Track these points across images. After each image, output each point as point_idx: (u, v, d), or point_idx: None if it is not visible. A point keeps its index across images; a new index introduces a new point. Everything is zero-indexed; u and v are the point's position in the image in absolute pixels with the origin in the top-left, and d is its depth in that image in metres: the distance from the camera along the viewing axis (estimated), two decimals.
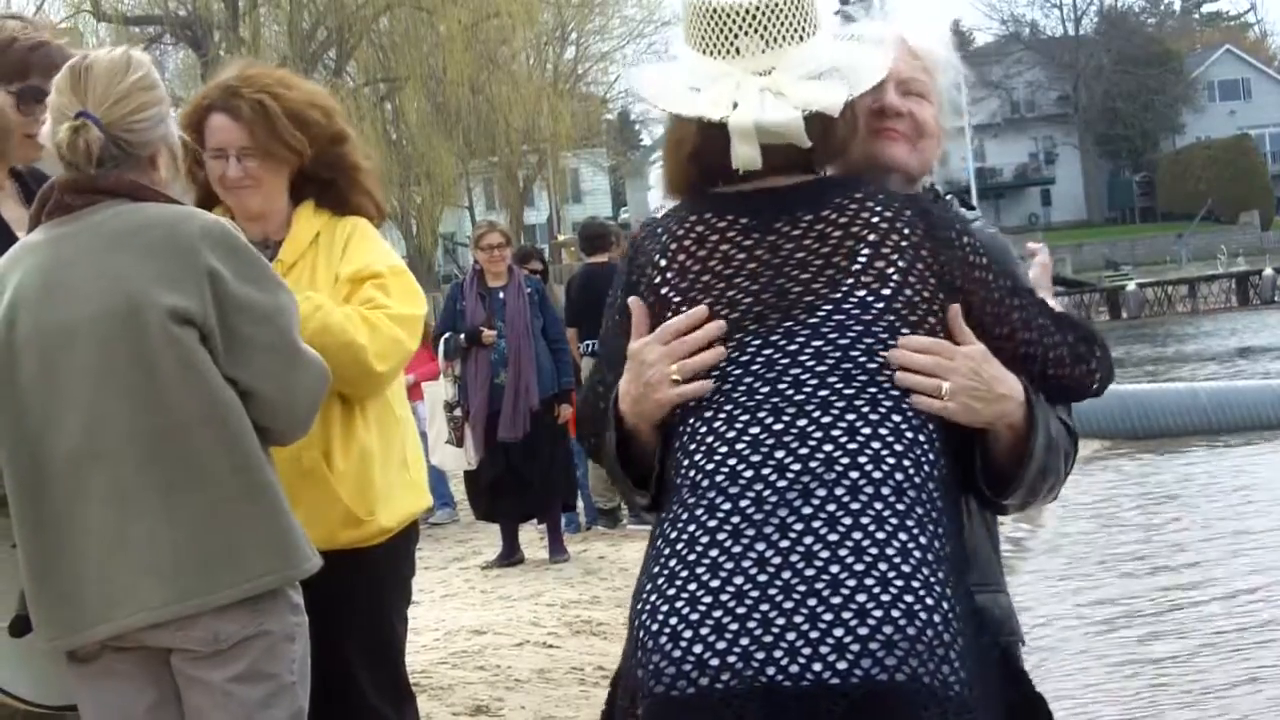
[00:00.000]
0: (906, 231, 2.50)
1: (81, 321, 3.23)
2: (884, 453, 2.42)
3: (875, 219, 2.50)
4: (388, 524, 3.91)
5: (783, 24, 2.52)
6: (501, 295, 10.78)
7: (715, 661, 2.33)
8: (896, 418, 2.45)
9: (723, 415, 2.47)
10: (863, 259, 2.48)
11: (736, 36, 2.53)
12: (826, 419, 2.43)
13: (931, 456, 2.46)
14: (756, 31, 2.52)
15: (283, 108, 3.88)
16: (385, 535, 3.91)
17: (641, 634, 2.41)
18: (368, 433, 3.88)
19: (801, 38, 2.53)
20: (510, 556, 10.79)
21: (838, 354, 2.46)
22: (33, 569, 3.28)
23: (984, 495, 2.62)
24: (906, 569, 2.34)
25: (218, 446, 3.24)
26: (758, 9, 2.52)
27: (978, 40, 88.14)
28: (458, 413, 10.77)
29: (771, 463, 2.41)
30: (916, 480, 2.42)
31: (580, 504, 12.13)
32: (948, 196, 2.98)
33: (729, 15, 2.53)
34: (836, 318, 2.47)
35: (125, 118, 3.29)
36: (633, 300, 2.59)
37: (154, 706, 3.31)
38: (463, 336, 10.72)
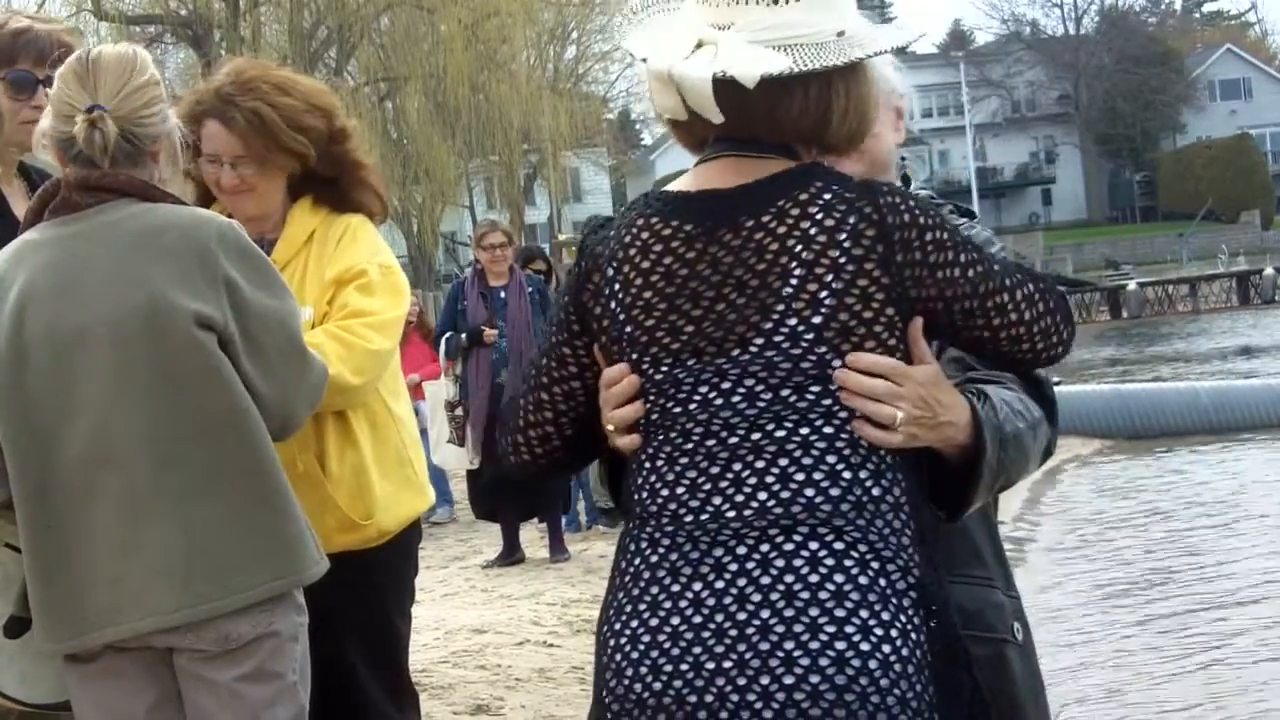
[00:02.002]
0: (848, 245, 2.33)
1: (97, 322, 3.19)
2: (819, 500, 2.31)
3: (813, 229, 2.33)
4: (387, 526, 3.88)
5: None
6: (503, 294, 10.78)
7: (653, 702, 2.31)
8: (831, 458, 2.33)
9: (662, 457, 2.40)
10: (794, 281, 2.33)
11: None
12: (760, 464, 2.33)
13: (877, 491, 2.34)
14: None
15: (280, 116, 3.84)
16: (384, 538, 3.89)
17: (603, 658, 2.40)
18: (363, 435, 3.86)
19: (774, 0, 2.37)
20: (511, 555, 10.80)
21: (769, 395, 2.34)
22: (37, 572, 3.25)
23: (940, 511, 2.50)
24: (840, 613, 2.25)
25: (239, 450, 3.22)
26: None
27: (978, 40, 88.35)
28: (459, 412, 10.76)
29: (709, 509, 2.35)
30: (860, 522, 2.31)
31: (581, 503, 12.13)
32: (938, 202, 2.85)
33: None
34: (768, 353, 2.34)
35: (135, 112, 3.26)
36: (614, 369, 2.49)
37: (154, 706, 3.29)
38: (464, 336, 10.72)
